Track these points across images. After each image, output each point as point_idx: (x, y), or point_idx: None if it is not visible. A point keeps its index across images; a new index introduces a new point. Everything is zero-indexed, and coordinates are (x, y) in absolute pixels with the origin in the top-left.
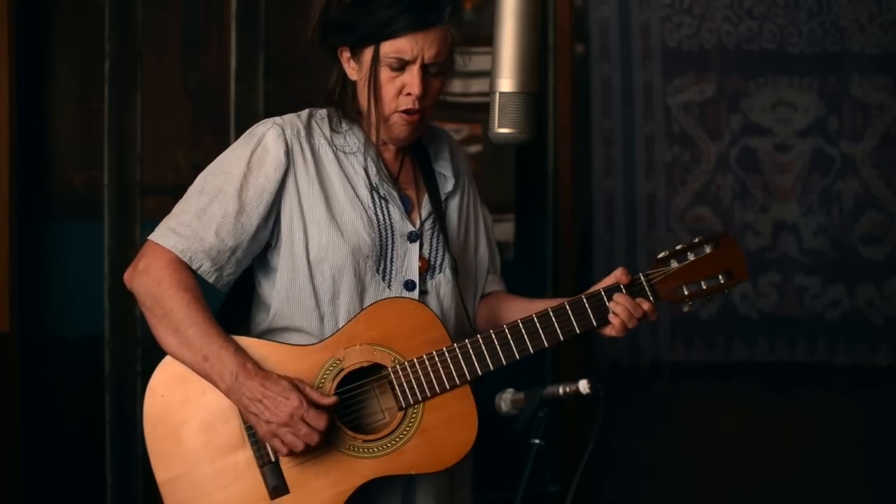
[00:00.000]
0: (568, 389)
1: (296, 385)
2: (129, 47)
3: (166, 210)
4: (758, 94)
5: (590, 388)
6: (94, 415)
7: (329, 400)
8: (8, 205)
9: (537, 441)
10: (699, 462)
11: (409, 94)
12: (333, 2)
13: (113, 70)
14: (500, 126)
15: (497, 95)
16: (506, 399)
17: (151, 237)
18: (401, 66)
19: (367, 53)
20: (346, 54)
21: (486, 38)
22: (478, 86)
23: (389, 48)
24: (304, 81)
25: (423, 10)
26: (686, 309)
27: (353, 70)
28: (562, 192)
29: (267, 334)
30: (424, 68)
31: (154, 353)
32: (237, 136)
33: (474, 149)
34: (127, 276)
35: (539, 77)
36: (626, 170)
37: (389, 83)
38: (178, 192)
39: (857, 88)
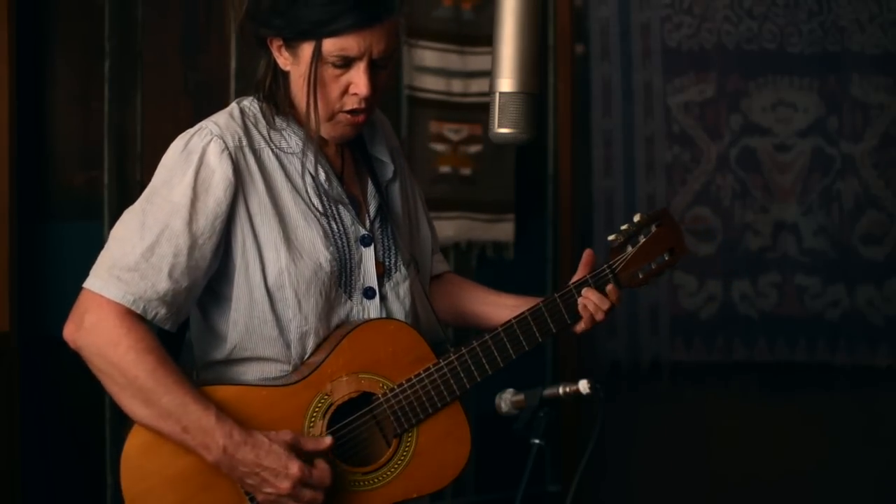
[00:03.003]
0: (568, 389)
1: (292, 447)
2: (129, 47)
3: None
4: (758, 94)
5: (590, 388)
6: (94, 415)
7: (326, 443)
8: (8, 205)
9: (537, 441)
10: (699, 462)
11: (355, 93)
12: None
13: (113, 70)
14: (500, 126)
15: (497, 95)
16: (506, 399)
17: (91, 287)
18: (345, 63)
19: (306, 49)
20: (276, 43)
21: (486, 38)
22: (478, 86)
23: (333, 46)
24: None
25: (373, 5)
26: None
27: (286, 60)
28: (562, 192)
29: (224, 365)
30: (372, 64)
31: None
32: None
33: (474, 149)
34: (68, 333)
35: (539, 77)
36: (626, 170)
37: (333, 81)
38: None
39: (857, 88)
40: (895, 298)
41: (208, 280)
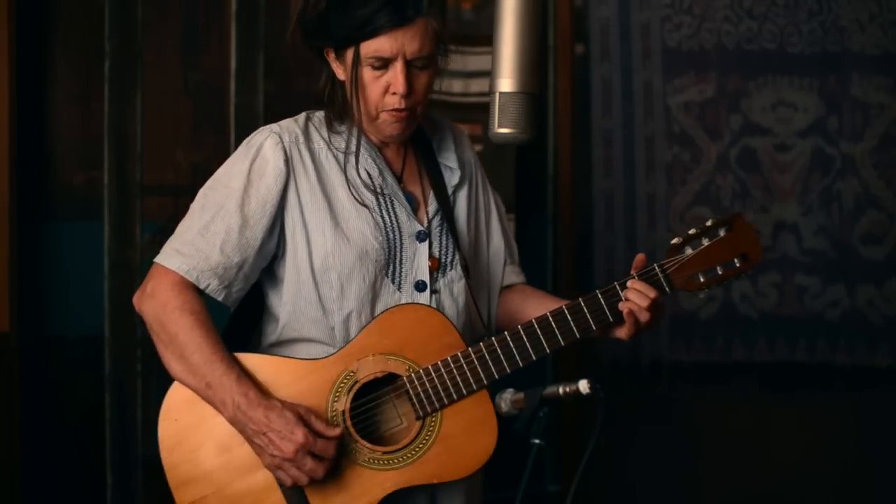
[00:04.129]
0: (568, 389)
1: (301, 417)
2: (129, 47)
3: (166, 210)
4: (758, 94)
5: (590, 388)
6: (94, 415)
7: (334, 431)
8: (8, 205)
9: (537, 441)
10: (699, 461)
11: (394, 93)
12: (310, 5)
13: (113, 70)
14: (500, 126)
15: (497, 95)
16: (506, 399)
17: (157, 259)
18: (383, 64)
19: (349, 54)
20: (331, 54)
21: (486, 38)
22: (478, 86)
23: (369, 48)
24: (304, 81)
25: (400, 5)
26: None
27: (340, 70)
28: (562, 192)
29: (277, 347)
30: (408, 64)
31: (154, 354)
32: (237, 137)
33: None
34: (135, 299)
35: (539, 77)
36: (626, 170)
37: (374, 83)
38: (178, 192)
39: (857, 88)
40: (895, 298)
41: (269, 263)
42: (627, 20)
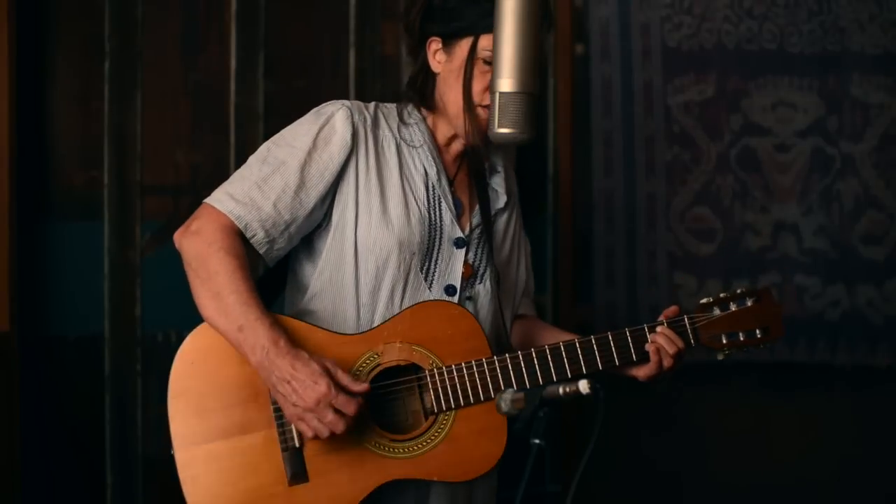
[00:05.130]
0: (568, 389)
1: (327, 369)
2: (129, 47)
3: (166, 210)
4: (758, 94)
5: (590, 388)
6: (94, 415)
7: (361, 387)
8: (8, 205)
9: (537, 441)
10: (699, 462)
11: None
12: None
13: (113, 70)
14: (500, 126)
15: (497, 95)
16: (506, 399)
17: (208, 200)
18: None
19: (463, 45)
20: (434, 45)
21: None
22: None
23: (489, 42)
24: (304, 81)
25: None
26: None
27: (439, 63)
28: (562, 192)
29: (298, 316)
30: None
31: (154, 354)
32: (237, 137)
33: None
34: (177, 235)
35: (539, 77)
36: (626, 170)
37: (481, 77)
38: (178, 192)
39: (857, 88)
40: (895, 298)
41: (311, 231)
42: (627, 20)
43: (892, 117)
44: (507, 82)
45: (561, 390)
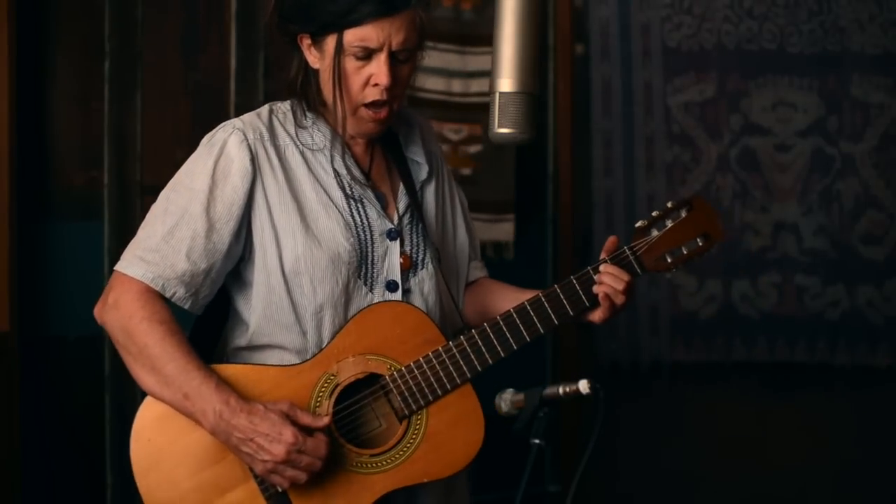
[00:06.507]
0: (568, 389)
1: (286, 415)
2: (129, 47)
3: None
4: (758, 94)
5: (590, 388)
6: (94, 415)
7: (323, 421)
8: (8, 205)
9: (537, 441)
10: (699, 462)
11: (376, 84)
12: None
13: (113, 70)
14: (500, 126)
15: (497, 95)
16: (506, 399)
17: (118, 267)
18: (366, 54)
19: (330, 42)
20: (306, 41)
21: (486, 38)
22: (478, 86)
23: (353, 36)
24: None
25: None
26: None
27: (315, 58)
28: (562, 192)
29: (247, 352)
30: (392, 56)
31: None
32: None
33: (474, 149)
34: (97, 311)
35: (539, 77)
36: (626, 170)
37: (355, 73)
38: None
39: (857, 88)
40: (895, 298)
41: (235, 265)
42: (627, 20)
43: (892, 117)
44: (507, 82)
45: (561, 390)
